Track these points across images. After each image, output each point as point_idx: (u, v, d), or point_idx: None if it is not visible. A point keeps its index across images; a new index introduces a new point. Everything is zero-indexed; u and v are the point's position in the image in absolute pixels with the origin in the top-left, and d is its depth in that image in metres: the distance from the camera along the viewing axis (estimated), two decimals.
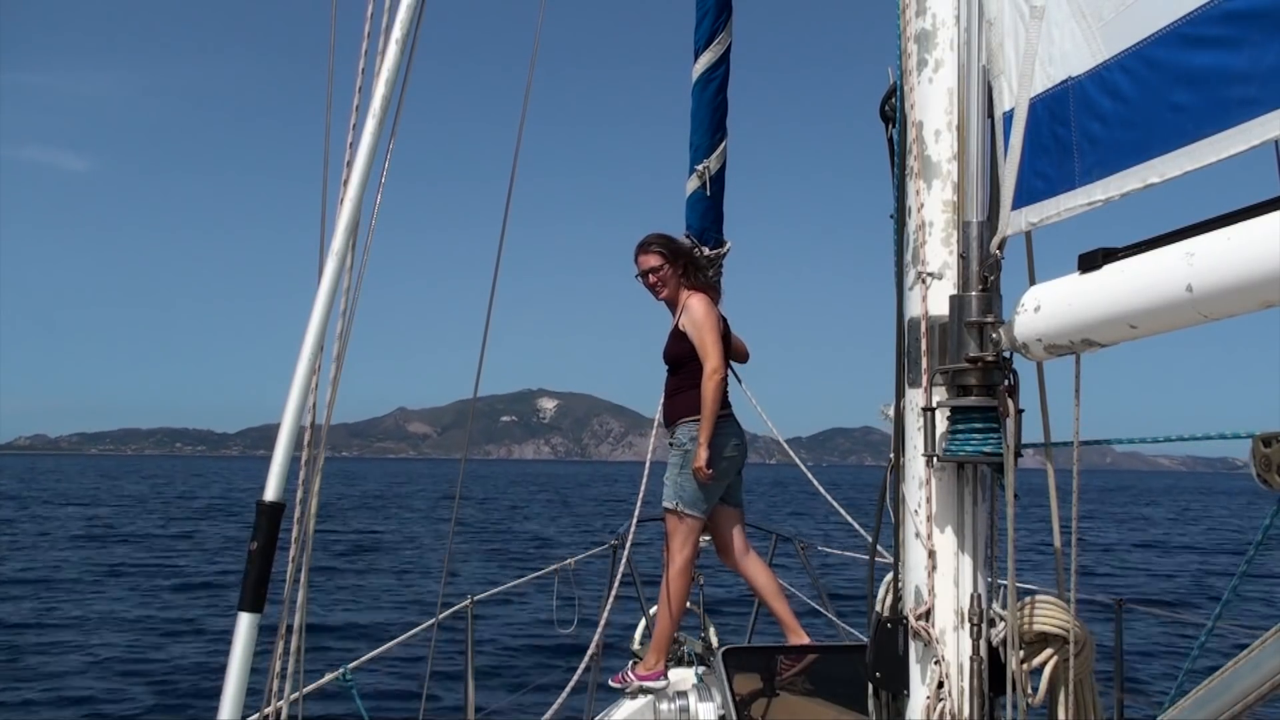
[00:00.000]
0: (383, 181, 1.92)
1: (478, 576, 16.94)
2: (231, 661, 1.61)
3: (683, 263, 4.42)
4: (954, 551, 1.75)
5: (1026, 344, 1.58)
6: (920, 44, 1.81)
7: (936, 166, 1.79)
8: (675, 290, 4.40)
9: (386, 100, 1.82)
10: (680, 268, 4.40)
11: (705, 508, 4.19)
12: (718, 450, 4.16)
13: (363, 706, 3.52)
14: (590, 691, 4.72)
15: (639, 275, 4.46)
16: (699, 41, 4.74)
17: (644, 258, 4.44)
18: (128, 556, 21.09)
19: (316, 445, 1.80)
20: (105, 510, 37.75)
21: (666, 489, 4.25)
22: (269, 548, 1.64)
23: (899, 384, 1.84)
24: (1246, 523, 41.13)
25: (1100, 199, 1.46)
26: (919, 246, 1.79)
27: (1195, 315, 1.28)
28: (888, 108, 2.00)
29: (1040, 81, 1.59)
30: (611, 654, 5.62)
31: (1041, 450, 1.75)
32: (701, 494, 4.16)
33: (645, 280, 4.44)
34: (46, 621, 13.04)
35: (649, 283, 4.43)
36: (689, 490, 4.16)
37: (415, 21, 1.89)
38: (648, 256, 4.43)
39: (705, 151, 4.77)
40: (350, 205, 1.79)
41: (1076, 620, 1.71)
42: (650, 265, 4.41)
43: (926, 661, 1.76)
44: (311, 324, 1.73)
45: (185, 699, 9.39)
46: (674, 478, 4.22)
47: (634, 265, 4.49)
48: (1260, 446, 1.28)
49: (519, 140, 2.76)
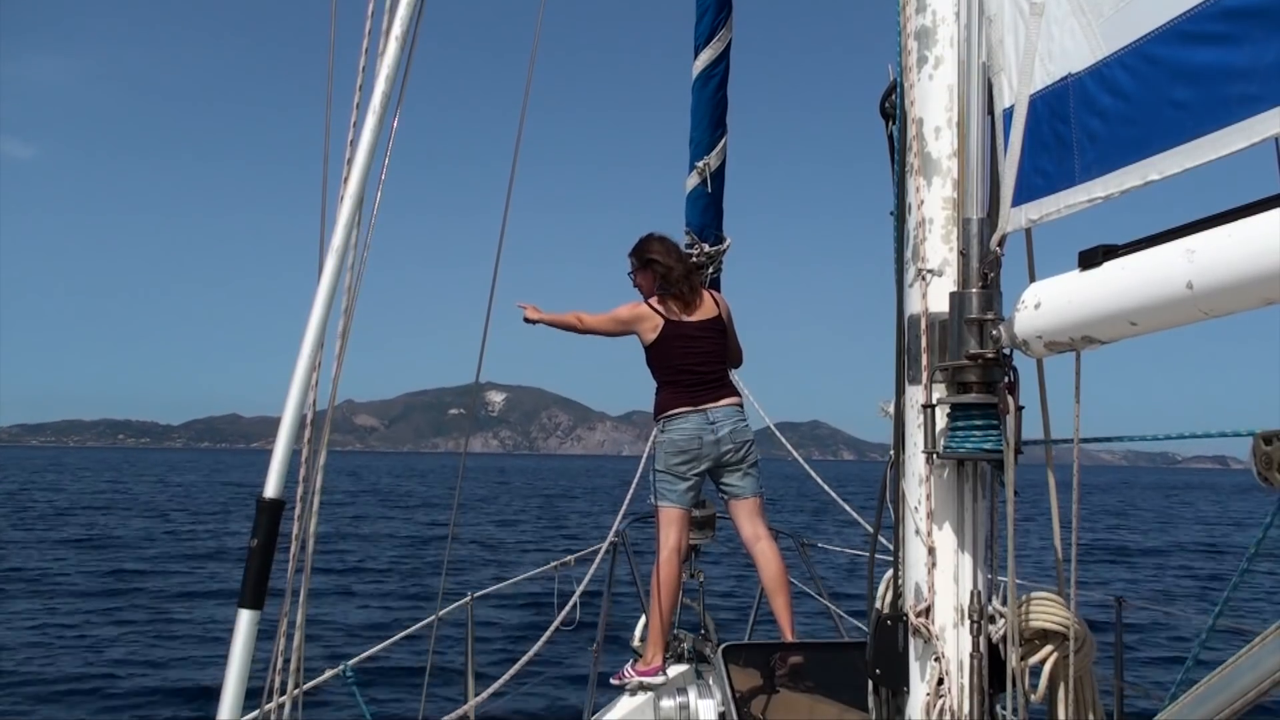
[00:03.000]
0: (382, 179, 1.92)
1: (478, 574, 16.95)
2: (231, 658, 1.61)
3: (651, 272, 4.52)
4: (954, 548, 1.75)
5: (1027, 341, 1.58)
6: (920, 41, 1.81)
7: (936, 163, 1.79)
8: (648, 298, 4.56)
9: (386, 97, 1.82)
10: (652, 276, 4.51)
11: (675, 498, 4.36)
12: (674, 443, 4.32)
13: (364, 703, 3.52)
14: (590, 688, 4.72)
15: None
16: (699, 38, 4.74)
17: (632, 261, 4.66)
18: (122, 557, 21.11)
19: (317, 441, 1.80)
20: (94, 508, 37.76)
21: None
22: (269, 545, 1.64)
23: (899, 381, 1.84)
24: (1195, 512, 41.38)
25: (1100, 196, 1.46)
26: (919, 243, 1.79)
27: (1196, 312, 1.28)
28: (888, 104, 2.00)
29: (1040, 78, 1.58)
30: (612, 651, 5.63)
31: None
32: (666, 485, 4.36)
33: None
34: (48, 623, 13.05)
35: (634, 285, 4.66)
36: (659, 483, 4.40)
37: (415, 18, 1.89)
38: (630, 261, 4.65)
39: (706, 148, 4.77)
40: (350, 202, 1.79)
41: (1076, 617, 1.71)
42: (629, 270, 4.65)
43: (926, 658, 1.76)
44: (311, 321, 1.73)
45: (185, 697, 9.40)
46: (651, 471, 4.48)
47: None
48: (1261, 444, 1.28)
49: (519, 138, 2.76)
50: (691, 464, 4.33)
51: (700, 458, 4.33)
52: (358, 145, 1.80)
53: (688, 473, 4.34)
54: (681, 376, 4.37)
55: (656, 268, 4.46)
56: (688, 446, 4.32)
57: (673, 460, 4.33)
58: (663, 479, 4.38)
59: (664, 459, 4.36)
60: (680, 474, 4.33)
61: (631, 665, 4.38)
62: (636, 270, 4.58)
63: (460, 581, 14.71)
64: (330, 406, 1.87)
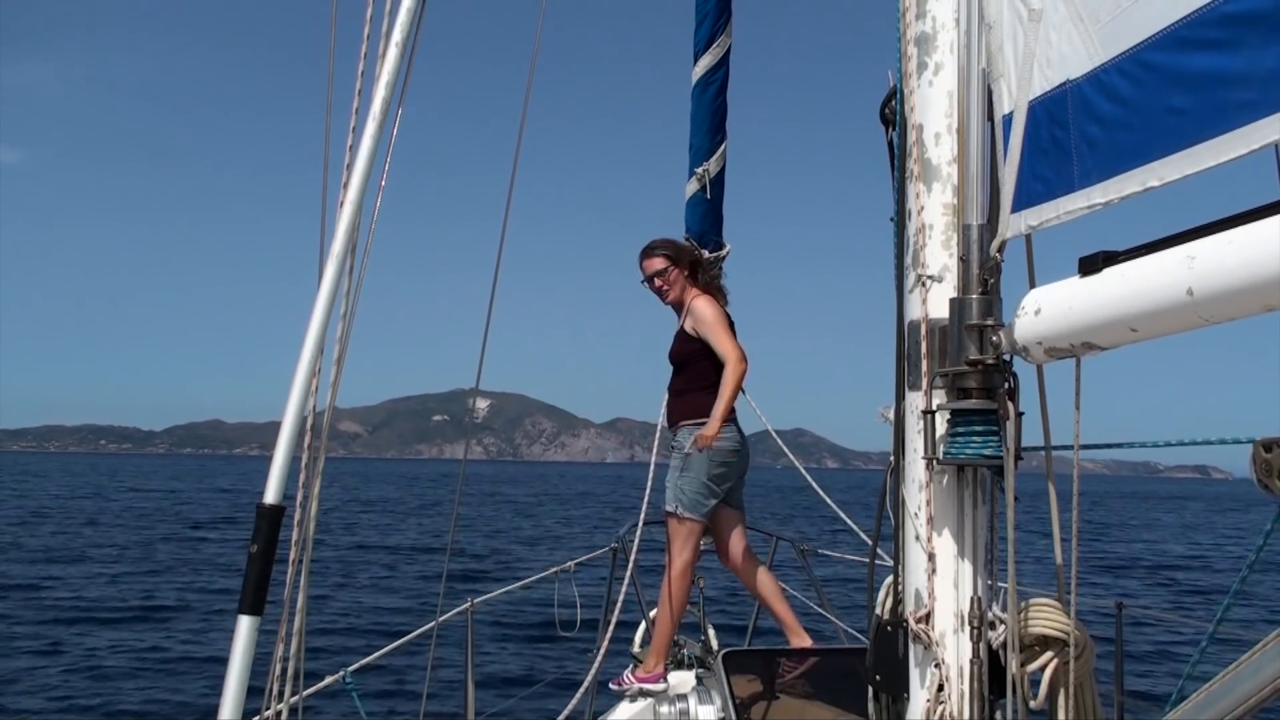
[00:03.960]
0: (382, 185, 1.92)
1: (477, 579, 16.93)
2: (232, 664, 1.61)
3: (688, 265, 4.43)
4: (954, 554, 1.75)
5: (1026, 347, 1.58)
6: (920, 47, 1.82)
7: (936, 169, 1.79)
8: (681, 293, 4.41)
9: (386, 103, 1.82)
10: (686, 269, 4.42)
11: (705, 511, 4.19)
12: (722, 453, 4.16)
13: (363, 709, 3.52)
14: (591, 694, 4.71)
15: (644, 280, 4.48)
16: (699, 44, 4.74)
17: (649, 262, 4.46)
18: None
19: (317, 447, 1.79)
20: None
21: (668, 492, 4.26)
22: (269, 551, 1.64)
23: (899, 387, 1.84)
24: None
25: (1100, 202, 1.46)
26: (919, 249, 1.79)
27: (1196, 319, 1.28)
28: (888, 111, 2.00)
29: (1039, 84, 1.59)
30: (612, 657, 5.62)
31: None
32: (701, 497, 4.16)
33: (651, 284, 4.46)
34: (44, 620, 13.04)
35: (655, 286, 4.44)
36: (689, 493, 4.16)
37: (415, 25, 1.89)
38: (652, 260, 4.45)
39: (705, 154, 4.77)
40: (350, 208, 1.79)
41: (1076, 623, 1.71)
42: (656, 269, 4.42)
43: (926, 664, 1.76)
44: (311, 327, 1.73)
45: (186, 702, 9.38)
46: (675, 481, 4.23)
47: (639, 271, 4.51)
48: (1261, 452, 1.28)
49: (519, 143, 2.76)
50: (728, 477, 4.21)
51: (737, 468, 4.24)
52: (358, 151, 1.80)
53: (722, 486, 4.21)
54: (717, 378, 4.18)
55: (689, 259, 4.38)
56: (730, 460, 4.20)
57: (716, 470, 4.16)
58: (702, 490, 4.16)
59: (708, 468, 4.15)
60: (721, 488, 4.19)
61: (632, 671, 4.37)
62: (673, 265, 4.38)
63: (460, 587, 14.70)
64: (329, 412, 1.87)
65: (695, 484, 4.15)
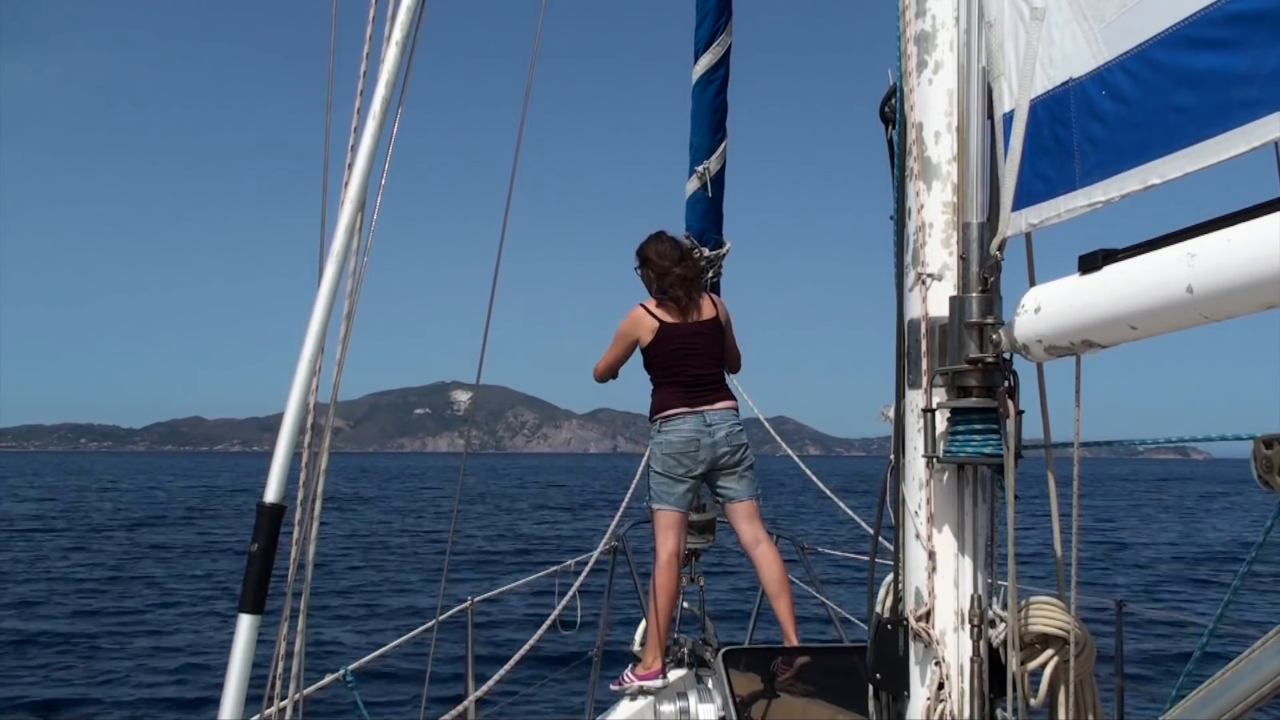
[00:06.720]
0: (382, 184, 1.92)
1: (477, 577, 16.93)
2: (232, 663, 1.61)
3: (656, 273, 4.50)
4: (954, 553, 1.75)
5: (1026, 345, 1.58)
6: (920, 45, 1.81)
7: (936, 168, 1.79)
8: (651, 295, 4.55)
9: (386, 101, 1.82)
10: (654, 279, 4.51)
11: (673, 500, 4.35)
12: (670, 445, 4.32)
13: (364, 708, 3.52)
14: (590, 693, 4.72)
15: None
16: (699, 43, 4.75)
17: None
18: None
19: (318, 445, 1.79)
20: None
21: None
22: (269, 549, 1.64)
23: (899, 385, 1.84)
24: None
25: (1101, 200, 1.46)
26: (919, 248, 1.79)
27: (1196, 316, 1.28)
28: (887, 109, 2.00)
29: (1041, 83, 1.58)
30: (612, 656, 5.62)
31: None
32: (662, 488, 4.36)
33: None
34: (54, 630, 13.04)
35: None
36: (653, 486, 4.41)
37: (415, 25, 1.89)
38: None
39: (705, 152, 4.78)
40: (351, 206, 1.79)
41: (1077, 621, 1.71)
42: (635, 268, 4.63)
43: (927, 663, 1.76)
44: (312, 325, 1.73)
45: (186, 701, 9.39)
46: (647, 474, 4.49)
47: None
48: (1261, 448, 1.28)
49: (519, 139, 2.76)
50: (688, 466, 4.32)
51: (697, 460, 4.33)
52: (358, 150, 1.80)
53: (684, 475, 4.33)
54: (678, 378, 4.37)
55: (652, 268, 4.47)
56: (685, 449, 4.32)
57: (669, 462, 4.32)
58: (659, 481, 4.37)
59: (660, 461, 4.35)
60: (677, 476, 4.33)
61: (631, 669, 4.37)
62: (639, 268, 4.60)
63: (460, 585, 14.69)
64: (331, 409, 1.87)
65: (654, 477, 4.40)
